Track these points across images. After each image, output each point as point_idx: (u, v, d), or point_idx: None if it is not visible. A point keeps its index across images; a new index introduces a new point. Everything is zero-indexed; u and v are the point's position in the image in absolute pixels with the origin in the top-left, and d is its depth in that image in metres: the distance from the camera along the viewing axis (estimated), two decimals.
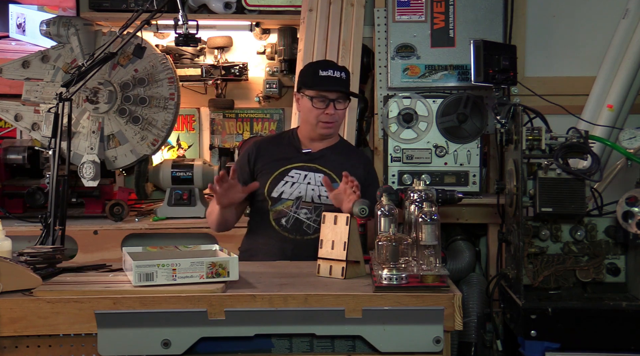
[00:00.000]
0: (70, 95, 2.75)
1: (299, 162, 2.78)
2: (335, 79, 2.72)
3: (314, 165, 2.77)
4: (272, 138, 2.97)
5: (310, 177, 2.74)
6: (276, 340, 1.95)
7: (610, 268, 2.44)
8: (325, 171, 2.75)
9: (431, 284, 1.97)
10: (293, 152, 2.81)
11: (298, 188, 2.73)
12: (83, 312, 1.91)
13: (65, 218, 2.68)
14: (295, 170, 2.77)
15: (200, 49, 3.86)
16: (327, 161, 2.78)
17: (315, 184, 2.73)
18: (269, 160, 2.80)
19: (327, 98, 2.70)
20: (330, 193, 2.54)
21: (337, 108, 2.72)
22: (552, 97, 3.07)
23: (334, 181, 2.72)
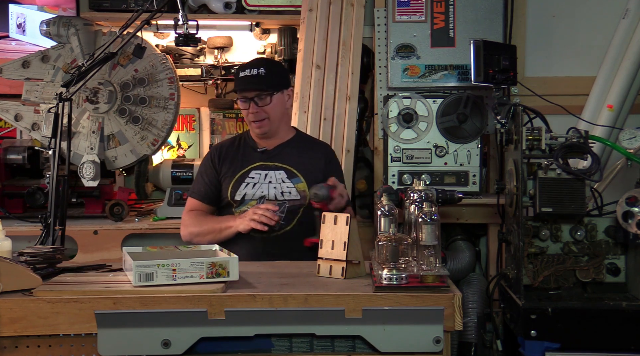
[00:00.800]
0: (70, 95, 2.75)
1: (257, 162, 2.81)
2: (251, 78, 2.74)
3: (273, 162, 2.79)
4: (230, 141, 2.96)
5: (271, 175, 2.77)
6: (276, 340, 1.95)
7: (610, 268, 2.44)
8: (285, 167, 2.77)
9: (431, 284, 1.97)
10: (250, 152, 2.84)
11: (260, 188, 2.76)
12: (83, 312, 1.91)
13: (65, 218, 2.68)
14: (255, 171, 2.79)
15: (200, 49, 3.86)
16: (285, 157, 2.80)
17: (277, 182, 2.76)
18: (230, 163, 2.84)
19: (247, 97, 2.75)
20: None
21: (259, 106, 2.73)
22: (552, 97, 3.07)
23: (295, 176, 2.76)
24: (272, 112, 2.77)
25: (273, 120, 2.78)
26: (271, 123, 2.78)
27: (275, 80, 2.78)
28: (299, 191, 2.75)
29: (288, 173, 2.77)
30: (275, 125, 2.81)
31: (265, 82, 2.74)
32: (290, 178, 2.76)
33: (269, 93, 2.74)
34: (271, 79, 2.76)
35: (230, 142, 2.94)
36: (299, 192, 2.75)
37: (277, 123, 2.81)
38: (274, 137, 2.84)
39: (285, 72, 2.95)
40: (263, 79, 2.73)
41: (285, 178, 2.76)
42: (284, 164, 2.79)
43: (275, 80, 2.78)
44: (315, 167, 2.78)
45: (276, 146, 2.84)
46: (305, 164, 2.79)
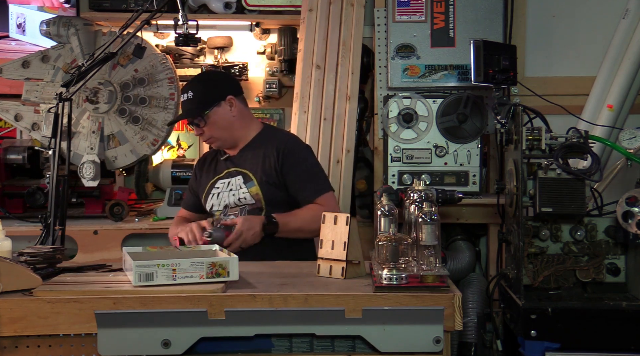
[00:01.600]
0: (70, 95, 2.75)
1: (223, 171, 2.81)
2: (184, 104, 2.76)
3: (234, 168, 2.79)
4: (207, 154, 2.97)
5: (232, 182, 2.77)
6: (276, 340, 1.95)
7: (610, 268, 2.44)
8: (243, 172, 2.76)
9: (431, 284, 1.97)
10: (219, 162, 2.86)
11: (223, 198, 2.77)
12: (83, 312, 1.91)
13: (65, 218, 2.68)
14: (221, 180, 2.80)
15: (200, 49, 3.86)
16: (244, 161, 2.78)
17: (236, 188, 2.75)
18: (205, 175, 2.87)
19: (189, 122, 2.80)
20: None
21: (199, 126, 2.73)
22: (552, 97, 3.07)
23: (250, 180, 2.74)
24: (213, 131, 2.73)
25: (219, 136, 2.75)
26: (219, 139, 2.76)
27: (205, 99, 2.71)
28: (252, 195, 2.72)
29: (245, 178, 2.74)
30: (226, 138, 2.77)
31: (193, 107, 2.71)
32: (246, 182, 2.74)
33: (200, 115, 2.71)
34: (200, 99, 2.71)
35: (207, 154, 2.97)
36: (252, 197, 2.72)
37: (226, 136, 2.76)
38: (236, 145, 2.81)
39: (220, 83, 2.82)
40: (191, 103, 2.71)
41: (242, 184, 2.74)
42: (243, 169, 2.76)
43: (204, 99, 2.71)
44: (269, 165, 2.72)
45: (239, 151, 2.81)
46: (260, 164, 2.74)
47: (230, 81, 2.91)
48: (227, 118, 2.74)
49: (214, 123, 2.72)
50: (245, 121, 2.80)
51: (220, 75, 3.09)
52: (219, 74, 3.21)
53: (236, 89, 2.82)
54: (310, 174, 2.73)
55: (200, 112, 2.71)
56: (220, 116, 2.73)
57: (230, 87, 2.81)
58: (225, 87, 2.79)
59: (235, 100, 2.76)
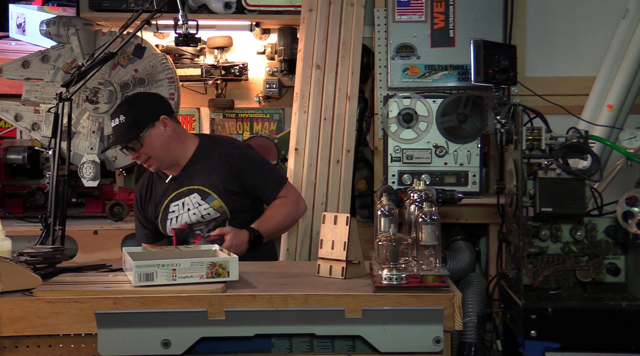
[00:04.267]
0: (70, 95, 2.75)
1: (171, 193, 2.79)
2: (115, 129, 2.71)
3: (184, 187, 2.78)
4: (144, 180, 2.94)
5: (187, 201, 2.76)
6: (276, 340, 1.95)
7: (610, 268, 2.44)
8: (197, 188, 2.76)
9: (431, 284, 1.97)
10: (163, 185, 2.83)
11: (182, 219, 2.77)
12: (83, 312, 1.91)
13: (65, 218, 2.68)
14: (173, 203, 2.79)
15: (200, 49, 3.86)
16: (192, 177, 2.77)
17: (194, 206, 2.75)
18: (152, 204, 2.85)
19: (123, 147, 2.76)
20: None
21: (135, 150, 2.70)
22: (552, 97, 3.07)
23: (208, 195, 2.74)
24: (149, 152, 2.71)
25: (156, 156, 2.73)
26: (157, 159, 2.74)
27: (138, 122, 2.68)
28: (216, 209, 2.74)
29: (201, 194, 2.74)
30: (164, 158, 2.75)
31: (127, 130, 2.67)
32: (204, 198, 2.74)
33: (136, 138, 2.68)
34: (133, 122, 2.68)
35: (145, 181, 2.92)
36: (216, 210, 2.74)
37: (163, 156, 2.74)
38: (176, 164, 2.79)
39: (151, 104, 2.80)
40: (125, 127, 2.67)
41: (201, 200, 2.74)
42: (194, 185, 2.76)
43: (137, 122, 2.68)
44: (225, 175, 2.73)
45: (181, 170, 2.79)
46: (213, 177, 2.74)
47: (161, 101, 2.87)
48: (163, 138, 2.72)
49: (150, 144, 2.69)
50: (180, 139, 2.78)
51: (150, 97, 3.03)
52: (149, 96, 3.12)
53: (168, 108, 2.81)
54: (265, 173, 2.79)
55: (135, 134, 2.67)
56: (155, 137, 2.70)
57: (161, 107, 2.79)
58: (157, 108, 2.77)
59: (168, 119, 2.74)
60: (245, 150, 2.86)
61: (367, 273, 2.18)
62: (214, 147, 2.81)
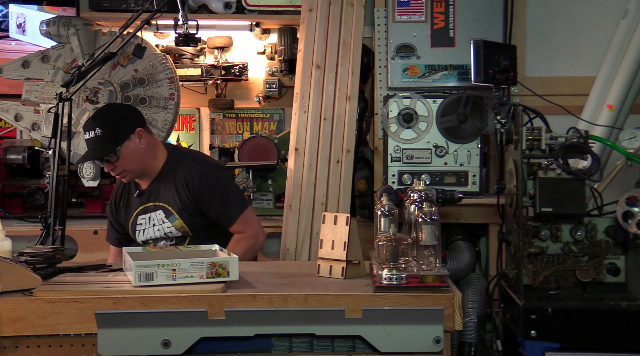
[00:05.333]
0: (70, 95, 2.75)
1: (139, 206, 2.79)
2: (90, 142, 2.66)
3: (150, 203, 2.78)
4: (118, 187, 2.93)
5: (153, 217, 2.77)
6: (276, 340, 1.95)
7: (610, 268, 2.44)
8: (161, 205, 2.75)
9: (431, 284, 1.97)
10: (132, 197, 2.83)
11: (148, 233, 2.77)
12: (83, 312, 1.92)
13: (65, 218, 2.69)
14: (141, 216, 2.79)
15: (200, 49, 3.86)
16: (158, 194, 2.77)
17: (159, 223, 2.76)
18: (123, 211, 2.85)
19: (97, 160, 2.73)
20: None
21: (110, 162, 2.67)
22: (552, 97, 3.07)
23: (171, 213, 2.73)
24: (125, 165, 2.68)
25: (131, 169, 2.71)
26: (131, 172, 2.72)
27: (115, 135, 2.65)
28: (178, 229, 2.74)
29: (165, 212, 2.74)
30: (137, 170, 2.73)
31: (104, 144, 2.63)
32: (168, 217, 2.74)
33: (113, 151, 2.64)
34: (109, 136, 2.64)
35: (120, 188, 2.91)
36: (178, 230, 2.74)
37: (137, 168, 2.72)
38: (146, 176, 2.78)
39: (127, 117, 2.75)
40: (101, 141, 2.63)
41: (165, 218, 2.74)
42: (159, 202, 2.75)
43: (114, 135, 2.65)
44: (184, 197, 2.70)
45: (149, 184, 2.79)
46: (175, 197, 2.72)
47: (136, 113, 2.83)
48: (138, 151, 2.69)
49: (125, 157, 2.66)
50: (153, 152, 2.76)
51: (125, 108, 2.98)
52: (124, 107, 3.06)
53: (142, 120, 2.79)
54: (223, 200, 2.72)
55: (112, 148, 2.64)
56: (131, 150, 2.67)
57: (137, 119, 2.76)
58: (133, 120, 2.74)
59: (143, 132, 2.71)
60: (206, 174, 2.74)
61: (367, 273, 2.18)
62: (178, 166, 2.76)
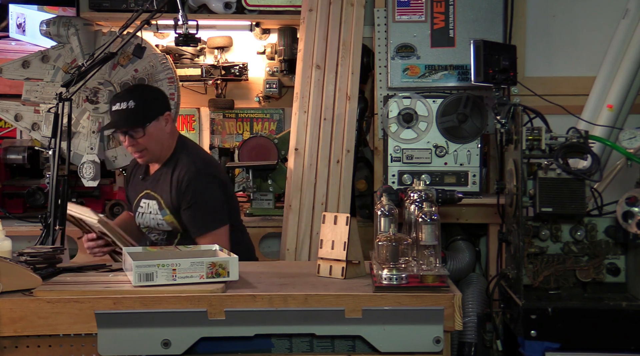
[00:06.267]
0: (70, 95, 2.74)
1: (143, 190, 2.82)
2: (122, 112, 2.67)
3: (150, 191, 2.80)
4: (131, 165, 2.97)
5: (150, 205, 2.78)
6: (276, 340, 1.95)
7: (610, 268, 2.44)
8: (156, 197, 2.77)
9: (431, 284, 1.97)
10: (139, 180, 2.86)
11: (145, 219, 2.80)
12: (83, 312, 1.91)
13: (65, 218, 2.68)
14: (143, 200, 2.82)
15: (200, 49, 3.86)
16: (157, 185, 2.79)
17: (154, 213, 2.77)
18: (131, 189, 2.89)
19: (120, 132, 2.74)
20: None
21: (134, 138, 2.68)
22: (552, 97, 3.07)
23: (162, 208, 2.74)
24: (148, 143, 2.71)
25: (152, 150, 2.73)
26: (150, 153, 2.75)
27: (147, 111, 2.69)
28: (168, 223, 2.75)
29: (158, 204, 2.76)
30: (157, 153, 2.76)
31: (135, 117, 2.67)
32: (160, 209, 2.75)
33: (142, 126, 2.68)
34: (142, 111, 2.68)
35: (133, 163, 2.96)
36: (168, 224, 2.75)
37: (157, 151, 2.75)
38: (158, 162, 2.81)
39: (160, 98, 2.82)
40: (133, 113, 2.66)
41: (157, 210, 2.76)
42: (155, 193, 2.77)
43: (146, 111, 2.69)
44: (173, 197, 2.71)
45: (155, 172, 2.81)
46: (168, 193, 2.72)
47: (166, 97, 2.88)
48: (162, 134, 2.73)
49: (150, 136, 2.69)
50: (171, 139, 2.79)
51: (158, 91, 2.97)
52: (157, 89, 3.04)
53: (170, 105, 2.83)
54: (201, 211, 2.68)
55: (143, 123, 2.67)
56: (157, 130, 2.71)
57: (166, 103, 2.81)
58: (164, 103, 2.79)
59: (170, 117, 2.77)
60: (196, 181, 2.69)
61: (367, 273, 2.18)
62: (179, 162, 2.75)
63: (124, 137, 2.72)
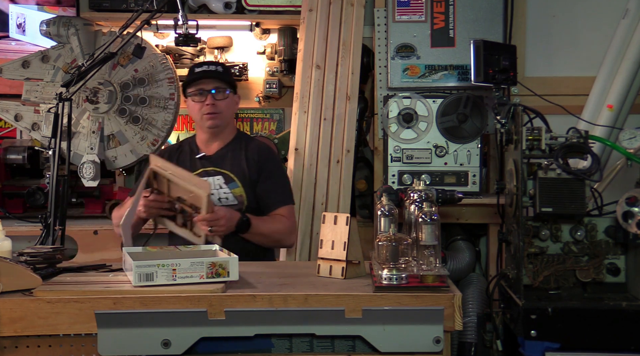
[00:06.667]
0: (70, 95, 2.75)
1: (199, 168, 2.81)
2: (211, 72, 2.80)
3: (212, 168, 2.80)
4: (175, 146, 2.98)
5: (210, 181, 2.76)
6: (276, 340, 1.95)
7: (610, 268, 2.44)
8: (223, 172, 2.78)
9: (431, 284, 1.97)
10: (192, 159, 2.85)
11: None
12: (83, 312, 1.91)
13: (65, 218, 2.68)
14: (204, 177, 2.78)
15: (200, 49, 3.85)
16: (223, 161, 2.81)
17: (215, 187, 2.76)
18: None
19: (204, 90, 2.77)
20: None
21: (216, 99, 2.76)
22: (552, 97, 3.07)
23: (232, 180, 2.76)
24: (225, 109, 2.80)
25: (224, 117, 2.81)
26: (222, 119, 2.81)
27: (233, 82, 2.88)
28: (235, 196, 2.75)
29: (225, 178, 2.77)
30: (225, 123, 2.84)
31: (224, 78, 2.82)
32: (227, 183, 2.77)
33: (226, 89, 2.80)
34: (229, 78, 2.87)
35: (175, 147, 2.97)
36: (235, 197, 2.75)
37: (227, 121, 2.84)
38: (217, 139, 2.84)
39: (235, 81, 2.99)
40: (222, 75, 2.82)
41: (223, 184, 2.76)
42: (222, 169, 2.79)
43: (233, 81, 2.89)
44: (250, 167, 2.79)
45: (216, 151, 2.84)
46: (241, 166, 2.79)
47: None
48: (234, 108, 2.90)
49: (228, 103, 2.82)
50: (233, 120, 2.95)
51: None
52: None
53: None
54: (280, 183, 2.84)
55: (232, 87, 2.84)
56: (233, 103, 2.87)
57: None
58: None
59: (238, 101, 2.93)
60: (275, 156, 2.98)
61: (367, 273, 2.18)
62: (250, 141, 2.92)
63: (204, 96, 2.76)
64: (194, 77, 2.81)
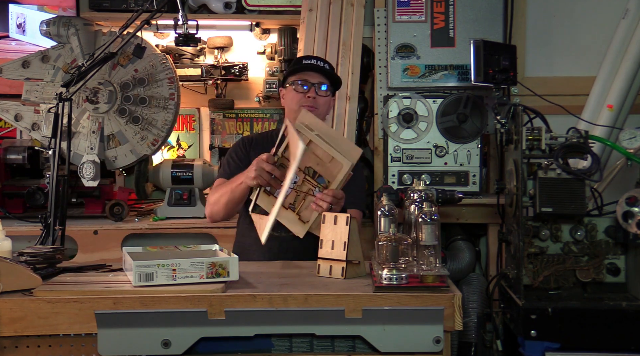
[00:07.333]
0: (70, 95, 2.75)
1: None
2: (320, 68, 2.74)
3: None
4: (261, 135, 2.94)
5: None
6: (276, 340, 1.95)
7: (610, 268, 2.44)
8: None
9: (431, 284, 1.97)
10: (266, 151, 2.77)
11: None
12: (83, 312, 1.91)
13: (65, 218, 2.68)
14: None
15: (200, 49, 3.86)
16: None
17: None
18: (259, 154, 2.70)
19: (309, 81, 2.71)
20: None
21: (318, 94, 2.71)
22: (552, 97, 3.07)
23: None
24: (322, 106, 2.74)
25: (319, 113, 2.73)
26: (318, 115, 2.71)
27: (336, 83, 2.81)
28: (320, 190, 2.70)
29: None
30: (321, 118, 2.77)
31: (329, 77, 2.76)
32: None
33: (329, 87, 2.75)
34: (334, 78, 2.80)
35: (261, 136, 2.91)
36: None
37: (320, 118, 2.74)
38: None
39: None
40: (328, 73, 2.76)
41: None
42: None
43: (336, 82, 2.81)
44: None
45: None
46: None
47: None
48: (328, 109, 2.82)
49: (325, 101, 2.74)
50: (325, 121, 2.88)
51: None
52: None
53: None
54: (359, 189, 2.79)
55: (334, 87, 2.79)
56: (330, 102, 2.80)
57: None
58: None
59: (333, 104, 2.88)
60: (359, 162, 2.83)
61: (367, 273, 2.18)
62: None
63: (308, 88, 2.71)
64: (301, 67, 2.75)
